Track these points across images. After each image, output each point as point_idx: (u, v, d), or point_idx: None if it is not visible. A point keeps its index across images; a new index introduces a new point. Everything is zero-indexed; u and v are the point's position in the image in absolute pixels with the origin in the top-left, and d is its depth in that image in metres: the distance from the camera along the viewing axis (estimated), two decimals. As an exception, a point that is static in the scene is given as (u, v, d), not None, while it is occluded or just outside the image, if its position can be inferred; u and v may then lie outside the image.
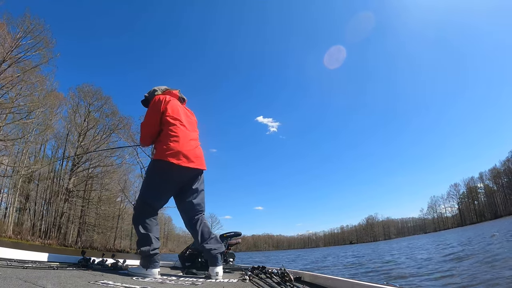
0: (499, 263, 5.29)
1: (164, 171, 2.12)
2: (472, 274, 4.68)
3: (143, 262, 2.03)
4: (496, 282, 3.84)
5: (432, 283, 4.67)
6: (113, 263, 2.34)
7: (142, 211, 2.15)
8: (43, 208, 27.65)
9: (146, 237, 2.06)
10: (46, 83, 22.37)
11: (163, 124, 2.20)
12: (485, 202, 72.15)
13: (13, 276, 1.25)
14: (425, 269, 6.29)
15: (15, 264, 1.63)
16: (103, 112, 29.81)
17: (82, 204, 29.40)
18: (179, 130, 2.18)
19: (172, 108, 2.26)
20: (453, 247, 11.19)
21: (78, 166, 28.69)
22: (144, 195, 2.19)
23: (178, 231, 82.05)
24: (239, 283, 1.81)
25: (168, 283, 1.70)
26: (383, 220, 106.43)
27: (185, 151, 2.13)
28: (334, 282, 1.61)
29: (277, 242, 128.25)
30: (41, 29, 20.08)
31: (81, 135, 28.53)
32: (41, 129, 22.08)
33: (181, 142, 2.14)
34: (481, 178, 74.34)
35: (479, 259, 6.39)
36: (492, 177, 71.05)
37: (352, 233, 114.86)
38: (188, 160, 2.13)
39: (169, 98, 2.30)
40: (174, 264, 3.11)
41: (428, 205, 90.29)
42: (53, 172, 29.15)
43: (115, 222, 34.72)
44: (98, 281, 1.43)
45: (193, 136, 2.30)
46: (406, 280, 5.30)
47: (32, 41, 19.87)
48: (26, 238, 22.66)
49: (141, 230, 2.07)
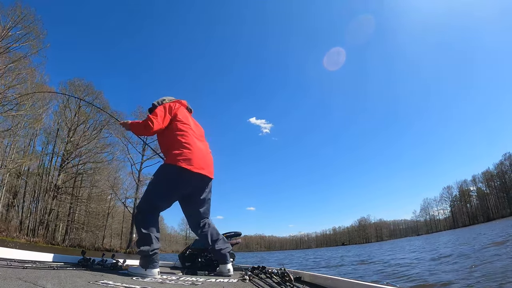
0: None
1: (175, 175, 2.14)
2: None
3: (142, 262, 2.00)
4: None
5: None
6: (113, 263, 2.32)
7: (145, 211, 2.14)
8: (31, 205, 26.93)
9: (147, 237, 2.04)
10: (36, 75, 21.78)
11: (173, 129, 2.25)
12: (478, 205, 72.97)
13: (13, 276, 1.23)
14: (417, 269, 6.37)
15: (15, 264, 1.62)
16: (94, 107, 29.22)
17: (70, 201, 28.75)
18: (190, 137, 2.25)
19: (182, 114, 2.36)
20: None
21: (68, 162, 28.03)
22: (150, 195, 2.18)
23: (170, 231, 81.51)
24: (239, 283, 1.81)
25: (168, 283, 1.70)
26: (375, 222, 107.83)
27: (197, 158, 2.18)
28: (334, 282, 1.61)
29: (269, 243, 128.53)
30: (32, 19, 19.58)
31: (71, 130, 27.87)
32: (31, 122, 21.43)
33: (193, 149, 2.20)
34: (474, 181, 74.92)
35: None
36: (485, 180, 71.63)
37: (344, 234, 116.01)
38: (199, 167, 2.17)
39: (179, 106, 2.40)
40: (174, 264, 3.11)
41: (421, 207, 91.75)
42: (42, 168, 28.42)
43: (104, 221, 34.09)
44: (98, 281, 1.43)
45: (203, 144, 2.37)
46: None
47: (22, 31, 19.36)
48: (12, 236, 21.98)
49: (142, 229, 2.05)
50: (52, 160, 29.04)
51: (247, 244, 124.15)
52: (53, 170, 28.20)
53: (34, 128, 26.04)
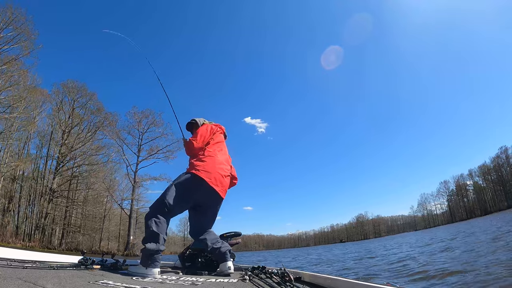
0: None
1: (191, 183, 2.30)
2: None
3: (144, 261, 2.01)
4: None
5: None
6: (113, 263, 2.33)
7: (158, 211, 2.19)
8: (27, 210, 26.58)
9: (155, 236, 2.08)
10: (29, 77, 21.45)
11: (207, 150, 2.48)
12: (475, 199, 73.08)
13: (13, 276, 1.23)
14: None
15: (15, 264, 1.62)
16: (88, 109, 28.81)
17: (66, 204, 28.42)
18: (216, 156, 2.46)
19: (218, 137, 2.64)
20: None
21: (63, 165, 27.68)
22: (166, 198, 2.24)
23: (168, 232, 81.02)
24: (239, 283, 1.82)
25: (168, 283, 1.70)
26: (373, 218, 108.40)
27: (216, 174, 2.36)
28: (334, 282, 1.62)
29: (267, 242, 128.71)
30: (23, 20, 19.28)
31: (65, 133, 27.51)
32: (24, 125, 21.11)
33: (216, 166, 2.40)
34: (471, 175, 74.81)
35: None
36: (481, 174, 71.54)
37: (342, 231, 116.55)
38: (215, 183, 2.34)
39: (218, 130, 2.70)
40: (174, 264, 3.11)
41: (419, 203, 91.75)
42: (36, 172, 28.01)
43: (101, 223, 33.80)
44: (98, 281, 1.43)
45: (225, 166, 2.55)
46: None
47: (14, 33, 19.04)
48: (7, 241, 21.65)
49: (153, 227, 2.09)
50: (46, 163, 28.68)
51: (245, 243, 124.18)
52: (48, 173, 27.82)
53: (28, 131, 25.71)
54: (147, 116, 30.58)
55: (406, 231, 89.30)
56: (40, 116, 27.34)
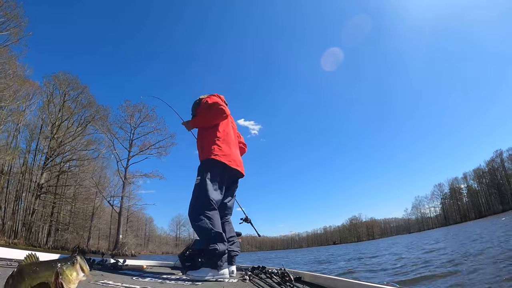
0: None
1: (218, 168, 2.28)
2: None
3: (213, 263, 1.95)
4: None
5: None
6: (113, 263, 2.36)
7: (208, 209, 2.11)
8: (14, 205, 25.53)
9: (219, 236, 2.04)
10: (17, 64, 20.59)
11: (218, 130, 2.41)
12: (469, 202, 73.31)
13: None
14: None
15: (15, 264, 1.60)
16: (80, 102, 27.91)
17: (54, 200, 27.49)
18: (231, 139, 2.48)
19: (231, 119, 2.67)
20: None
21: (52, 160, 26.77)
22: (208, 193, 2.15)
23: (160, 232, 79.68)
24: (239, 283, 1.84)
25: (168, 283, 1.70)
26: (366, 221, 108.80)
27: (234, 156, 2.41)
28: (334, 282, 1.62)
29: (260, 243, 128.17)
30: (14, 6, 18.57)
31: (54, 126, 26.61)
32: (12, 115, 20.26)
33: (232, 148, 2.44)
34: (465, 178, 74.85)
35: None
36: (476, 177, 71.68)
37: (335, 233, 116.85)
38: (236, 164, 2.40)
39: (229, 112, 2.58)
40: (174, 264, 3.07)
41: (413, 205, 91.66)
42: (25, 166, 27.00)
43: (89, 221, 32.76)
44: (98, 281, 1.43)
45: (237, 146, 2.66)
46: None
47: (3, 19, 18.28)
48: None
49: (215, 227, 2.05)
50: (35, 157, 27.73)
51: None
52: (36, 168, 26.88)
53: (16, 123, 24.78)
54: (139, 110, 29.53)
55: (399, 233, 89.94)
56: (29, 109, 26.52)
